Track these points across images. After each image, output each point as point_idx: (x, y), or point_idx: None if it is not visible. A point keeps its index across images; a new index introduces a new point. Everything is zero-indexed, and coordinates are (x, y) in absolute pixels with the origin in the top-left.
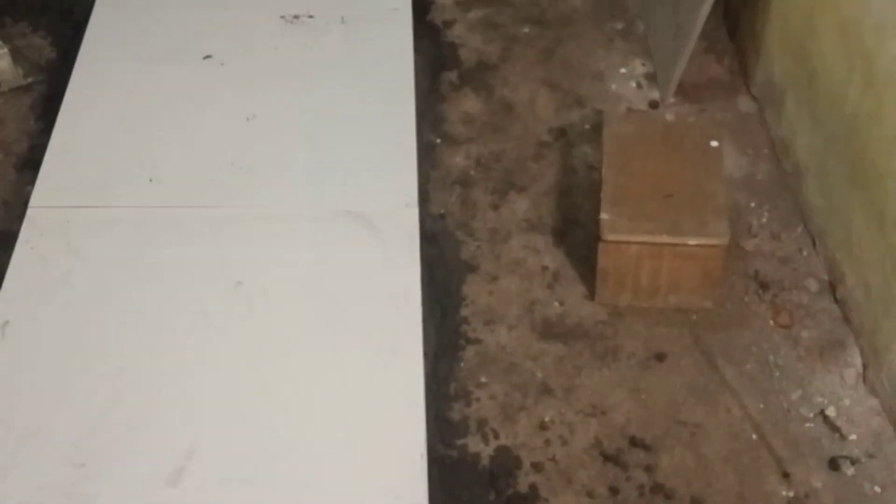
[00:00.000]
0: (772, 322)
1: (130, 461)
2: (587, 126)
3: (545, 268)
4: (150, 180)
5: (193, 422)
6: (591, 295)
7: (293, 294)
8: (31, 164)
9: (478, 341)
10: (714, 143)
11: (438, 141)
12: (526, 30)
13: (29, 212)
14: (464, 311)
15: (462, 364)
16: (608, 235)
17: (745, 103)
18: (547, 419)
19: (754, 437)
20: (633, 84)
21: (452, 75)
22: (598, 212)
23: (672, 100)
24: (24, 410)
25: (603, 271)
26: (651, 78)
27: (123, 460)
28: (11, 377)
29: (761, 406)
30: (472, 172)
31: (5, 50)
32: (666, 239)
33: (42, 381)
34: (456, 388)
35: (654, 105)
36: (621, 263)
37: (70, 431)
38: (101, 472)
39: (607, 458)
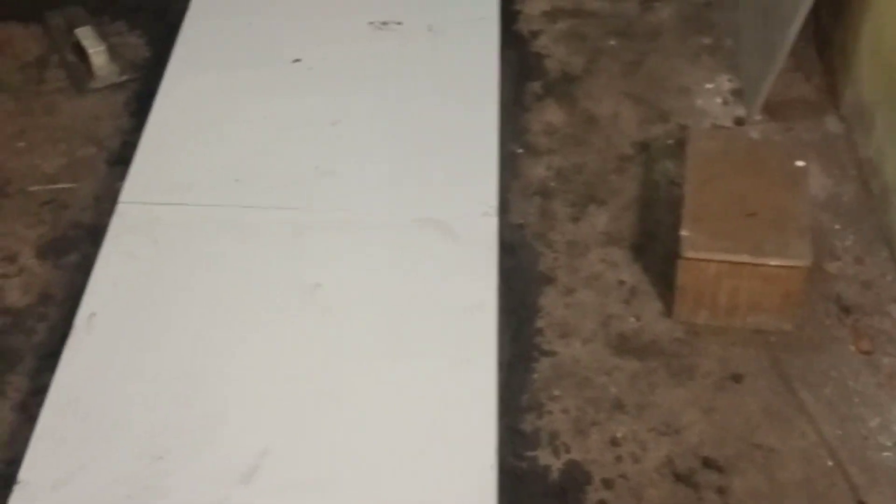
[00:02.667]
0: (852, 347)
1: (206, 457)
2: (670, 141)
3: (622, 282)
4: (236, 180)
5: (268, 422)
6: (668, 312)
7: (369, 299)
8: (122, 160)
9: (552, 354)
10: (800, 163)
11: (520, 151)
12: (612, 42)
13: (118, 207)
14: (539, 323)
15: (535, 376)
16: (688, 253)
17: (832, 123)
18: (619, 435)
19: (830, 463)
20: (719, 100)
21: (536, 86)
22: (678, 228)
23: (758, 117)
24: (105, 402)
25: (681, 289)
26: (737, 94)
27: (199, 456)
28: (95, 369)
29: (838, 432)
30: (553, 184)
31: (103, 48)
32: (746, 258)
33: (123, 373)
34: (528, 399)
35: (739, 122)
36: (700, 281)
37: (148, 424)
38: (178, 466)
39: (679, 477)
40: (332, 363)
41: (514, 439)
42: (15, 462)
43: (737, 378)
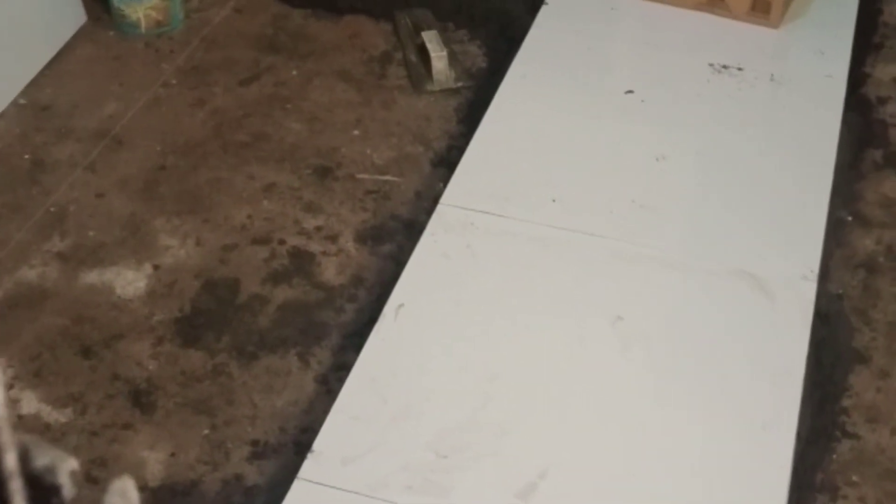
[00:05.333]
0: None
1: (488, 465)
2: None
3: None
4: (553, 200)
5: (551, 443)
6: None
7: (671, 342)
8: (445, 162)
9: (856, 437)
10: None
11: (849, 219)
12: None
13: (438, 208)
14: (845, 402)
15: (834, 456)
16: None
17: None
18: None
19: None
20: None
21: (877, 154)
22: None
23: None
24: (401, 390)
25: None
26: None
27: (482, 463)
28: (396, 357)
29: None
30: (881, 259)
31: (445, 53)
32: None
33: (422, 367)
34: (823, 479)
35: None
36: None
37: (439, 421)
38: (461, 468)
39: None
40: (623, 399)
41: None
42: (308, 431)
43: None
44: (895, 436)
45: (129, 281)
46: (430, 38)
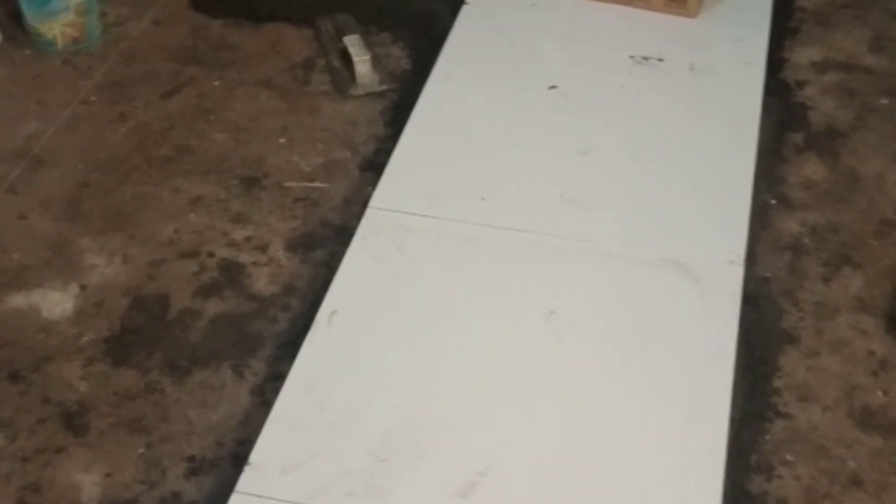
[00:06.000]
0: None
1: (428, 466)
2: None
3: (872, 353)
4: (482, 199)
5: (491, 441)
6: None
7: (603, 333)
8: (374, 165)
9: (788, 416)
10: None
11: (773, 202)
12: (884, 101)
13: (368, 211)
14: (777, 383)
15: (768, 437)
16: None
17: None
18: None
19: None
20: None
21: (798, 137)
22: None
23: None
24: (338, 398)
25: None
26: None
27: (422, 464)
28: (331, 363)
29: None
30: (806, 240)
31: (368, 57)
32: None
33: (358, 373)
34: (758, 460)
35: None
36: None
37: (377, 425)
38: (400, 471)
39: None
40: (559, 392)
41: (739, 499)
42: (246, 443)
43: None
44: (827, 413)
45: (56, 302)
46: (353, 43)
